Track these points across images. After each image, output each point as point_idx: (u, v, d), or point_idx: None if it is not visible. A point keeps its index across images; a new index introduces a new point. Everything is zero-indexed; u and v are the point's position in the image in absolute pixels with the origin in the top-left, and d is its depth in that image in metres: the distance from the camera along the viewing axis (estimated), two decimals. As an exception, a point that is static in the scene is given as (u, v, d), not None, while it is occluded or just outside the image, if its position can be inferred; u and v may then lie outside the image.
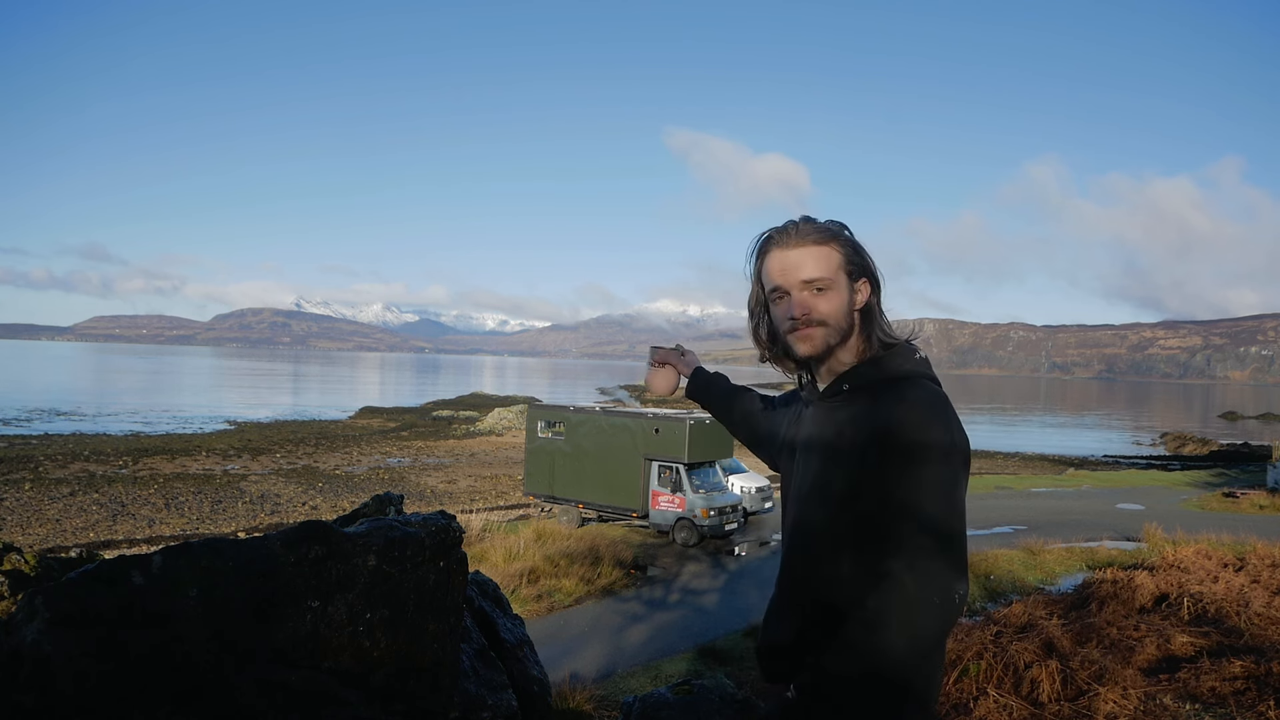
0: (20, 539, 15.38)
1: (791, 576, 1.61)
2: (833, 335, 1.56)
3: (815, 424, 1.62)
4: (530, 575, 11.33)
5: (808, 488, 1.59)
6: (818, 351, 1.57)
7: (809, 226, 1.58)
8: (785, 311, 1.58)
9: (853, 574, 1.48)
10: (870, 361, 1.58)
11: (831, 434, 1.56)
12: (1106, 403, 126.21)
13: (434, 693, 2.14)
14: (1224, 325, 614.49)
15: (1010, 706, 4.13)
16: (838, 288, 1.55)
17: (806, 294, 1.55)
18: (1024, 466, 33.53)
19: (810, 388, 1.70)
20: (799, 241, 1.56)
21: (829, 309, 1.55)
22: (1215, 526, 12.97)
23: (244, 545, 1.86)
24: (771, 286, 1.60)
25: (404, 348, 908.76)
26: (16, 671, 1.58)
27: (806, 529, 1.58)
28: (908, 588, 1.36)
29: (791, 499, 1.67)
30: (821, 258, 1.55)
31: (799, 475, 1.64)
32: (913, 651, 1.37)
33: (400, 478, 25.60)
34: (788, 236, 1.57)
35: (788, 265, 1.56)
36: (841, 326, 1.56)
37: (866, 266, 1.59)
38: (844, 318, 1.56)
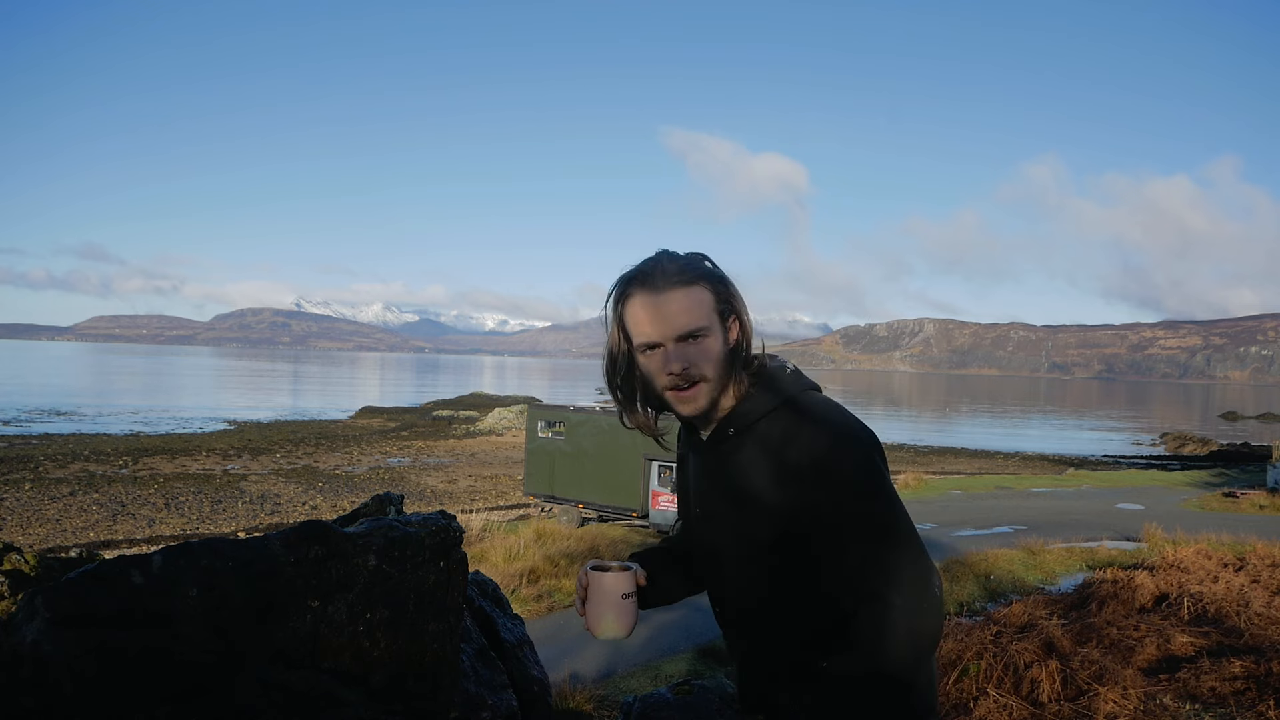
0: (20, 539, 15.39)
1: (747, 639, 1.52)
2: (715, 388, 1.42)
3: (710, 479, 1.49)
4: (530, 575, 11.34)
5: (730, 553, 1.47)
6: (702, 410, 1.43)
7: (674, 266, 1.40)
8: (661, 367, 1.40)
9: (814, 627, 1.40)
10: (750, 397, 1.44)
11: (735, 493, 1.43)
12: (1106, 403, 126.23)
13: (434, 693, 2.14)
14: (1224, 325, 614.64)
15: (1010, 706, 4.13)
16: (714, 333, 1.40)
17: (684, 347, 1.38)
18: (1024, 466, 33.54)
19: (689, 439, 1.56)
20: (667, 285, 1.38)
21: (708, 360, 1.39)
22: (1215, 526, 12.97)
23: (244, 545, 1.86)
24: (641, 340, 1.41)
25: (404, 348, 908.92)
26: (16, 671, 1.58)
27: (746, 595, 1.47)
28: (894, 606, 1.30)
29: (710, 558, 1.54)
30: (693, 303, 1.38)
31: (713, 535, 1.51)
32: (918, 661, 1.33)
33: (400, 478, 25.61)
34: (653, 280, 1.39)
35: (658, 315, 1.38)
36: (722, 375, 1.41)
37: (737, 300, 1.44)
38: (724, 364, 1.41)
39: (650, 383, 1.45)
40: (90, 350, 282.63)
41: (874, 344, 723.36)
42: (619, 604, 1.54)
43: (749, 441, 1.42)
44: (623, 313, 1.44)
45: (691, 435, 1.56)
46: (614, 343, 1.47)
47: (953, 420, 68.09)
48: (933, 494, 21.14)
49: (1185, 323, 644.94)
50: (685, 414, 1.45)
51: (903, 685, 1.32)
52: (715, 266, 1.45)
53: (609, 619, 1.54)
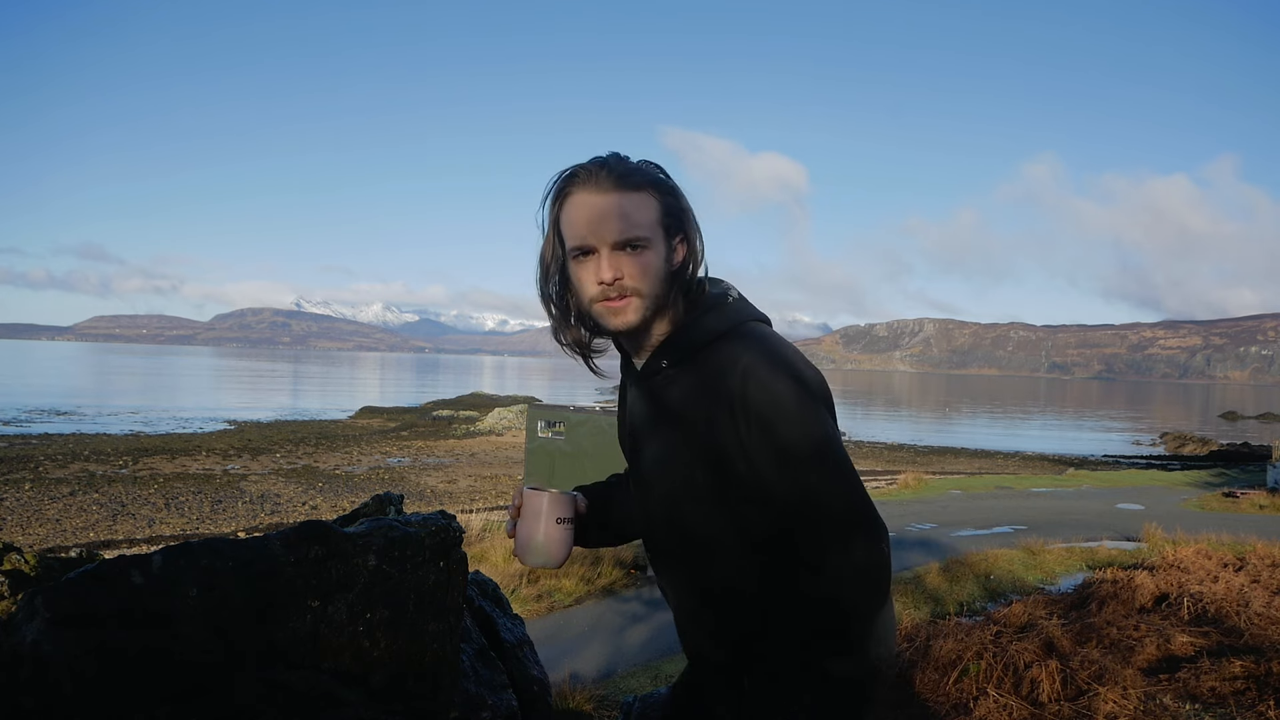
0: (20, 539, 15.38)
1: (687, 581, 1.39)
2: (649, 306, 1.28)
3: (645, 409, 1.37)
4: (530, 575, 11.33)
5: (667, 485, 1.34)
6: (631, 325, 1.29)
7: (622, 168, 1.26)
8: (592, 275, 1.26)
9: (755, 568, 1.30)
10: (687, 326, 1.31)
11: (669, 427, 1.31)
12: (1106, 403, 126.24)
13: (434, 693, 2.14)
14: (1224, 325, 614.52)
15: (1010, 706, 4.13)
16: (655, 246, 1.27)
17: (620, 256, 1.25)
18: (1024, 466, 33.53)
19: (627, 366, 1.42)
20: (611, 186, 1.24)
21: (645, 275, 1.26)
22: (1215, 526, 12.97)
23: (244, 545, 1.86)
24: (575, 243, 1.27)
25: (404, 347, 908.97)
26: (16, 671, 1.58)
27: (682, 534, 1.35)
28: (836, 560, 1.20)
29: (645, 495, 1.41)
30: (638, 208, 1.25)
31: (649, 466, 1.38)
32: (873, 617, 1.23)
33: (400, 478, 25.60)
34: (595, 179, 1.25)
35: (596, 216, 1.24)
36: (658, 294, 1.28)
37: (688, 217, 1.32)
38: (662, 283, 1.28)
39: (580, 293, 1.30)
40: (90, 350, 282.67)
41: (874, 344, 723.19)
42: (552, 528, 1.40)
43: (685, 374, 1.29)
44: (559, 213, 1.29)
45: (627, 363, 1.42)
46: (548, 246, 1.33)
47: (953, 420, 68.08)
48: (933, 494, 21.13)
49: (1185, 323, 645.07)
50: (612, 327, 1.30)
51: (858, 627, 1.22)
52: (670, 178, 1.31)
53: (538, 542, 1.41)
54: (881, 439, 45.02)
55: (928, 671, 4.68)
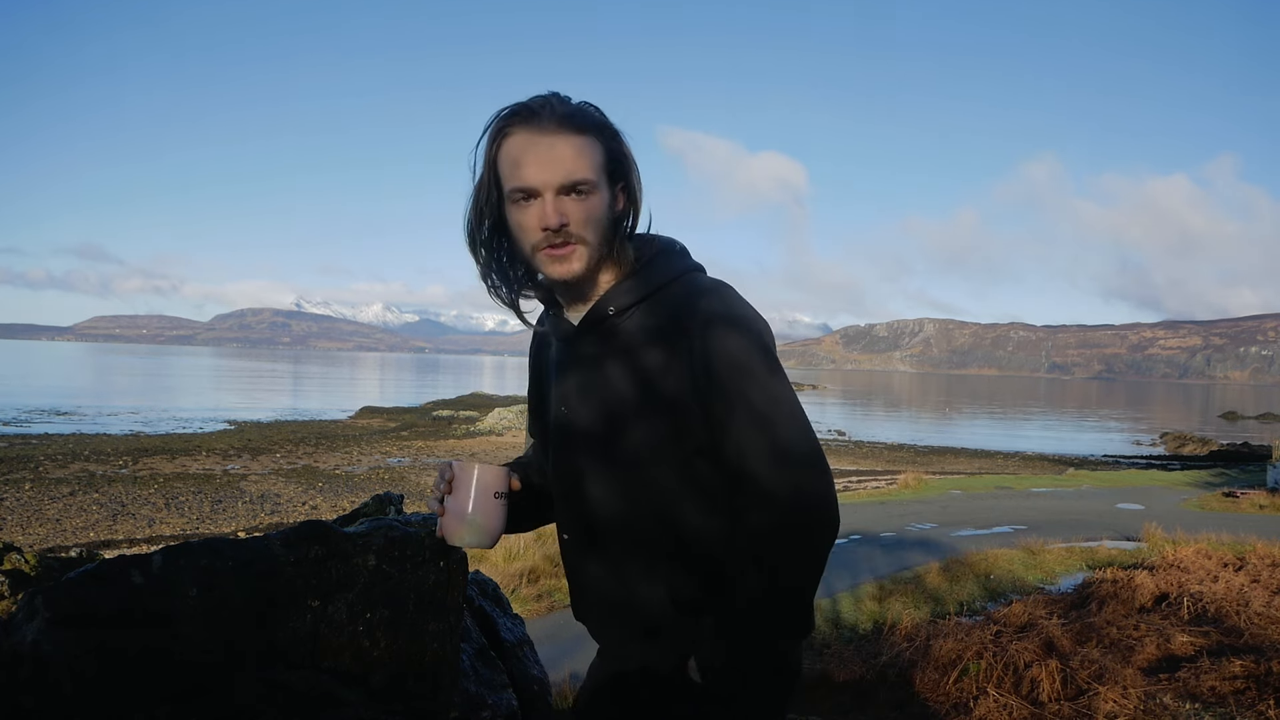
0: (20, 539, 15.38)
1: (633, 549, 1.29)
2: (594, 255, 1.22)
3: (584, 367, 1.29)
4: (530, 575, 11.34)
5: (609, 449, 1.26)
6: (576, 275, 1.22)
7: (566, 109, 1.19)
8: (535, 220, 1.19)
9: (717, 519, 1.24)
10: (632, 275, 1.25)
11: (616, 379, 1.24)
12: (1106, 403, 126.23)
13: (434, 693, 2.14)
14: (1224, 325, 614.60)
15: (1010, 706, 4.13)
16: (599, 193, 1.21)
17: (565, 200, 1.18)
18: (1024, 466, 33.53)
19: (555, 319, 1.34)
20: (556, 127, 1.17)
21: (590, 221, 1.20)
22: (1215, 526, 12.97)
23: (244, 545, 1.86)
24: (515, 185, 1.19)
25: (404, 348, 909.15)
26: (16, 671, 1.58)
27: (630, 495, 1.26)
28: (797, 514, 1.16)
29: (577, 461, 1.31)
30: (583, 151, 1.18)
31: (584, 433, 1.29)
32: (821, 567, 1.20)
33: (400, 477, 25.61)
34: (538, 119, 1.17)
35: (540, 158, 1.16)
36: (602, 242, 1.23)
37: (631, 165, 1.25)
38: (606, 229, 1.23)
39: (519, 239, 1.24)
40: (90, 350, 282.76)
41: (874, 344, 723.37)
42: (489, 503, 1.30)
43: (633, 321, 1.24)
44: (497, 152, 1.20)
45: (558, 320, 1.33)
46: (482, 188, 1.24)
47: (953, 420, 68.08)
48: (933, 494, 21.13)
49: (1185, 323, 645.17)
50: (557, 274, 1.23)
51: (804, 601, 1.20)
52: (611, 122, 1.24)
53: (473, 519, 1.30)
54: (881, 439, 45.02)
55: (928, 671, 4.69)
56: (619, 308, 1.24)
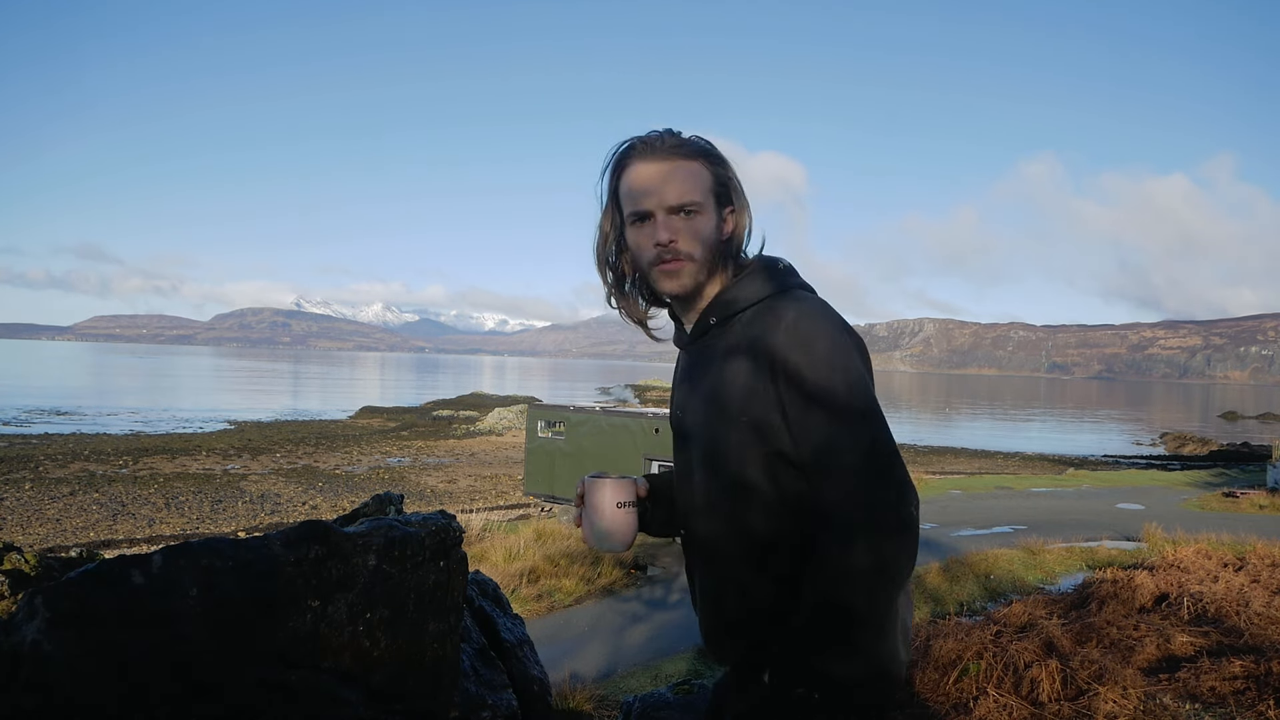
0: (20, 539, 15.39)
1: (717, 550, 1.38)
2: (701, 270, 1.35)
3: (692, 372, 1.41)
4: (530, 575, 11.33)
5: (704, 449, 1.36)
6: (685, 289, 1.35)
7: (675, 140, 1.35)
8: (649, 238, 1.34)
9: (786, 536, 1.30)
10: (734, 287, 1.37)
11: (713, 384, 1.34)
12: (1106, 403, 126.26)
13: (434, 693, 2.14)
14: (1224, 325, 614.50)
15: (1010, 706, 4.13)
16: (707, 213, 1.34)
17: (675, 219, 1.32)
18: (1024, 466, 33.53)
19: (678, 331, 1.47)
20: (667, 155, 1.33)
21: (698, 239, 1.33)
22: (1215, 526, 12.97)
23: (244, 545, 1.86)
24: (632, 208, 1.35)
25: (404, 347, 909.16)
26: (16, 671, 1.58)
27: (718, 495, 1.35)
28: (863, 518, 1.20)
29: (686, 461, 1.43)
30: (691, 176, 1.33)
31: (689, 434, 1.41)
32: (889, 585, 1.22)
33: (400, 477, 25.61)
34: (653, 149, 1.33)
35: (652, 183, 1.32)
36: (710, 259, 1.35)
37: (737, 190, 1.38)
38: (712, 248, 1.35)
39: (637, 257, 1.38)
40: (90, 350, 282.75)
41: (874, 343, 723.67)
42: (614, 512, 1.45)
43: (730, 331, 1.34)
44: (618, 182, 1.37)
45: (680, 332, 1.47)
46: (606, 215, 1.40)
47: (953, 420, 68.07)
48: (933, 494, 21.13)
49: (1185, 323, 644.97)
50: (667, 289, 1.36)
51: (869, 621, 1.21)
52: (719, 151, 1.39)
53: (603, 527, 1.45)
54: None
55: (928, 671, 4.68)
56: (720, 317, 1.36)
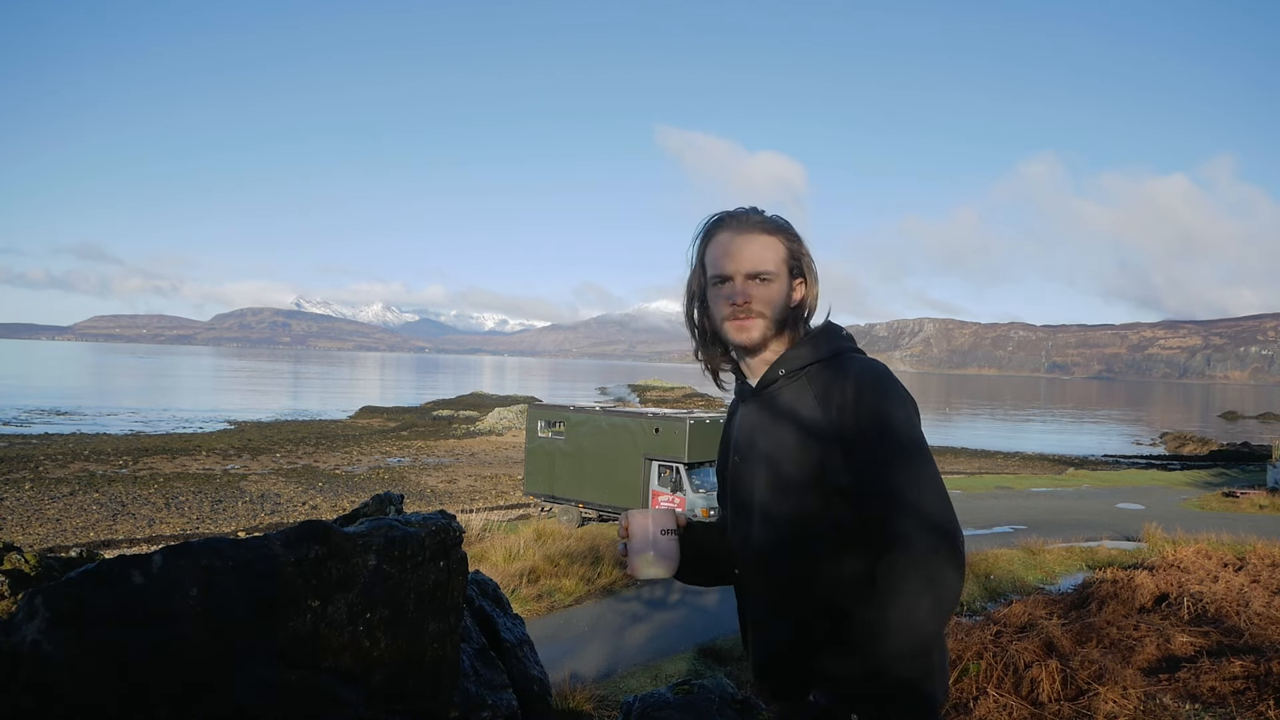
0: (20, 538, 15.39)
1: (773, 583, 1.54)
2: (770, 327, 1.54)
3: (756, 419, 1.58)
4: (530, 575, 11.33)
5: (767, 484, 1.53)
6: (753, 342, 1.55)
7: (757, 216, 1.57)
8: (727, 297, 1.55)
9: (841, 568, 1.44)
10: (801, 344, 1.57)
11: (778, 425, 1.52)
12: (1106, 403, 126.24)
13: (434, 693, 2.14)
14: (1224, 325, 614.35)
15: (1010, 706, 4.13)
16: (779, 280, 1.55)
17: (750, 284, 1.53)
18: (1024, 466, 33.54)
19: (742, 386, 1.66)
20: (748, 229, 1.55)
21: (769, 302, 1.53)
22: (1215, 526, 12.97)
23: (244, 545, 1.86)
24: (715, 272, 1.56)
25: (404, 347, 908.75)
26: (16, 671, 1.58)
27: (777, 529, 1.51)
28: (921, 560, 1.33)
29: (744, 499, 1.59)
30: (768, 248, 1.54)
31: (749, 473, 1.58)
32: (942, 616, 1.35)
33: (400, 477, 25.62)
34: (738, 222, 1.56)
35: (734, 251, 1.54)
36: (778, 320, 1.55)
37: (807, 264, 1.59)
38: (782, 311, 1.55)
39: (715, 314, 1.58)
40: (90, 350, 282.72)
41: (874, 344, 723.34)
42: (657, 540, 1.59)
43: (795, 384, 1.52)
44: (704, 248, 1.59)
45: (743, 385, 1.65)
46: (694, 276, 1.62)
47: (953, 420, 68.07)
48: (933, 494, 21.12)
49: (1185, 323, 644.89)
50: (738, 340, 1.55)
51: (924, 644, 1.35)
52: (794, 229, 1.59)
53: (648, 556, 1.58)
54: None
55: (928, 671, 4.68)
56: (788, 370, 1.54)
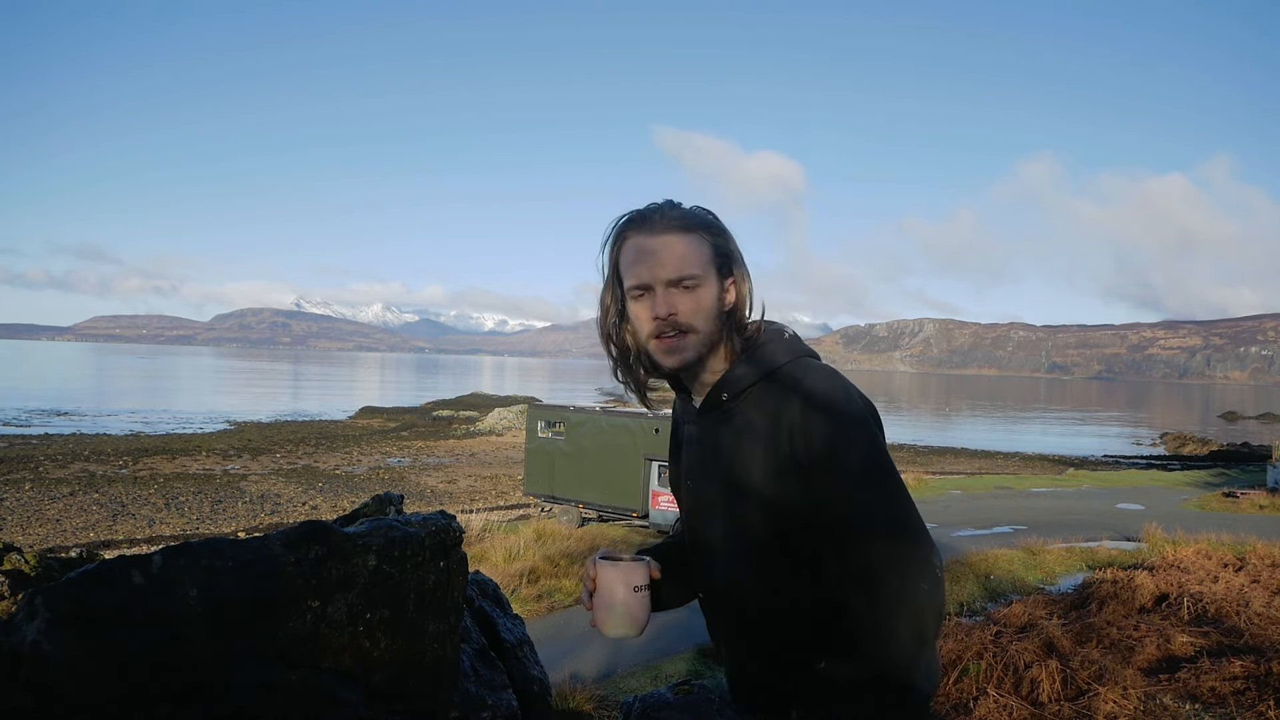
0: (20, 539, 15.39)
1: (738, 608, 1.43)
2: (703, 343, 1.35)
3: (705, 444, 1.43)
4: (530, 575, 11.33)
5: (725, 514, 1.40)
6: (687, 363, 1.36)
7: (675, 212, 1.36)
8: (648, 312, 1.34)
9: (806, 593, 1.35)
10: (744, 361, 1.37)
11: (729, 453, 1.37)
12: (1106, 403, 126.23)
13: (434, 693, 2.14)
14: (1224, 325, 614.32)
15: (1010, 706, 4.13)
16: (707, 284, 1.34)
17: (674, 293, 1.32)
18: (1024, 466, 33.54)
19: (685, 405, 1.49)
20: (663, 228, 1.33)
21: (699, 311, 1.33)
22: (1215, 526, 12.96)
23: (244, 545, 1.86)
24: (632, 282, 1.34)
25: (404, 348, 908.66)
26: (16, 671, 1.58)
27: (738, 557, 1.39)
28: (892, 582, 1.25)
29: (702, 523, 1.46)
30: (689, 248, 1.33)
31: (706, 500, 1.44)
32: (921, 643, 1.27)
33: (400, 478, 25.61)
34: (650, 223, 1.34)
35: (649, 257, 1.32)
36: (712, 332, 1.35)
37: (737, 260, 1.39)
38: (714, 320, 1.35)
39: (637, 329, 1.38)
40: (90, 350, 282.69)
41: (874, 344, 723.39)
42: (630, 597, 1.43)
43: (741, 410, 1.36)
44: (618, 255, 1.38)
45: (685, 404, 1.49)
46: (608, 287, 1.41)
47: (953, 420, 68.05)
48: (933, 494, 21.13)
49: (1185, 323, 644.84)
50: (668, 365, 1.37)
51: (903, 686, 1.27)
52: (719, 221, 1.39)
53: (618, 614, 1.43)
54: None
55: (928, 671, 4.68)
56: (731, 393, 1.37)
